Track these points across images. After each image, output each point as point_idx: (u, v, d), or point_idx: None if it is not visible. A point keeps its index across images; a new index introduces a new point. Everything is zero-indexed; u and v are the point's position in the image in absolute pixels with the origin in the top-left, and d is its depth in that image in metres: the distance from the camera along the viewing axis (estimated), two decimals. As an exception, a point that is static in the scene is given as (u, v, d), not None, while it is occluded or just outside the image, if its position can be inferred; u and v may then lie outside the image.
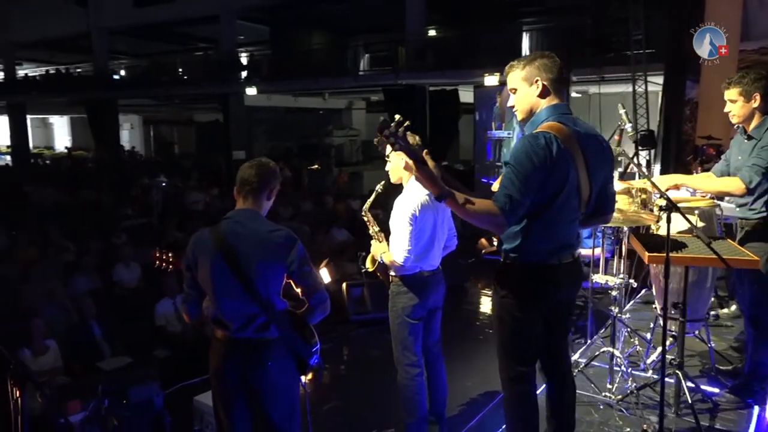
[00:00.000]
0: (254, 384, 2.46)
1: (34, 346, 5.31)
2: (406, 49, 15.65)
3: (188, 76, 21.10)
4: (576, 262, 2.43)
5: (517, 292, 2.35)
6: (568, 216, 2.31)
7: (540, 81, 2.28)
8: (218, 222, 2.50)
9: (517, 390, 2.43)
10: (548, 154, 2.15)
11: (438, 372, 3.32)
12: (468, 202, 2.13)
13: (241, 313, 2.40)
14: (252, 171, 2.47)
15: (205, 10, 18.43)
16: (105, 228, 10.59)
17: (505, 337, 2.40)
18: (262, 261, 2.38)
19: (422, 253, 3.05)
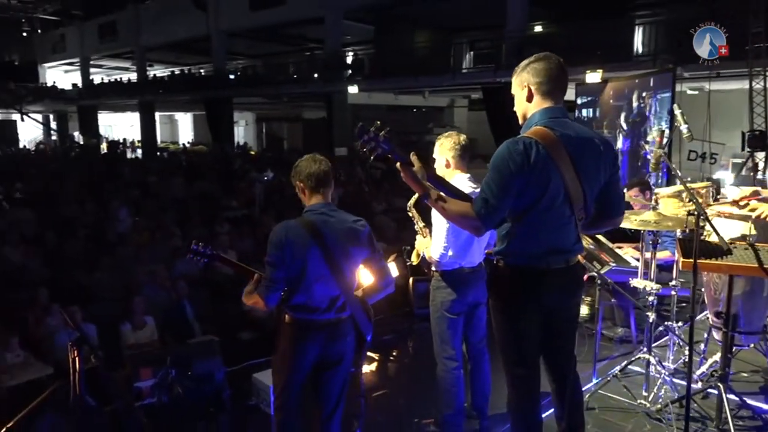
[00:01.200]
0: (326, 361, 2.70)
1: (134, 320, 5.91)
2: (507, 45, 15.42)
3: (297, 75, 22.08)
4: (570, 268, 2.36)
5: (507, 295, 2.35)
6: (556, 221, 2.27)
7: (528, 85, 2.28)
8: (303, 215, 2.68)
9: (518, 391, 2.42)
10: (525, 159, 2.13)
11: (481, 368, 3.37)
12: (448, 203, 2.22)
13: (327, 296, 2.63)
14: (320, 166, 2.68)
15: (313, 11, 19.18)
16: (210, 217, 11.41)
17: (500, 337, 2.41)
18: (352, 248, 2.65)
19: (461, 250, 3.12)
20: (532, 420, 2.46)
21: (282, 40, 24.95)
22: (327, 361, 2.71)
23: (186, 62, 30.09)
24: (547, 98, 2.26)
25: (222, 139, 23.02)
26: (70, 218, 10.87)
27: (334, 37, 19.30)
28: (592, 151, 2.29)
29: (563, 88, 2.30)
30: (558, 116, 2.26)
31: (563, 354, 2.49)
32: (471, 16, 19.57)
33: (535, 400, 2.45)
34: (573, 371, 2.50)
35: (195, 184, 16.36)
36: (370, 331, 2.82)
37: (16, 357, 5.18)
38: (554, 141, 2.17)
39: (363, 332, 2.79)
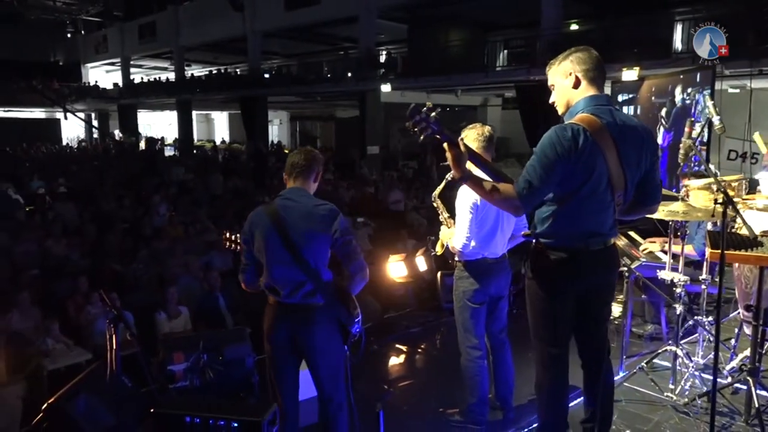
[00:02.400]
0: (301, 345, 2.73)
1: (169, 310, 6.08)
2: (542, 43, 15.26)
3: (331, 74, 22.26)
4: (607, 249, 2.42)
5: (544, 275, 2.40)
6: (597, 205, 2.32)
7: (573, 73, 2.32)
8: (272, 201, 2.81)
9: (548, 372, 2.47)
10: (573, 145, 2.18)
11: (503, 358, 3.39)
12: (488, 184, 2.25)
13: (290, 279, 2.68)
14: (301, 156, 2.81)
15: (347, 10, 19.31)
16: (244, 213, 11.61)
17: (535, 318, 2.46)
18: (308, 231, 2.66)
19: (485, 241, 3.14)
20: (560, 401, 2.49)
21: (316, 39, 25.15)
22: (302, 347, 2.74)
23: (222, 62, 30.61)
24: (593, 86, 2.33)
25: (256, 137, 23.34)
26: (109, 212, 11.21)
27: (368, 36, 19.38)
28: (635, 139, 2.33)
29: (605, 77, 2.39)
30: (603, 104, 2.32)
31: (598, 338, 2.52)
32: (505, 15, 19.44)
33: (564, 382, 2.49)
34: (607, 358, 2.52)
35: (230, 180, 16.69)
36: (353, 322, 2.77)
37: (57, 343, 5.38)
38: (601, 128, 2.23)
39: (344, 323, 2.77)
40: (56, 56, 36.59)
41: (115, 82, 32.89)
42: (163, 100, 29.19)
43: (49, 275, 7.75)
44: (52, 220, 9.80)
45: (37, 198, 13.34)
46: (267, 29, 22.98)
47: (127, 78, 32.12)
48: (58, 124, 33.88)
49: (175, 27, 27.03)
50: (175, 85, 27.73)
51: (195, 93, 26.34)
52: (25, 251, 8.48)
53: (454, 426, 3.40)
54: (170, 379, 3.55)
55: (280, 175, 12.31)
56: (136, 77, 33.54)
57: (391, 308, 5.82)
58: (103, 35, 33.07)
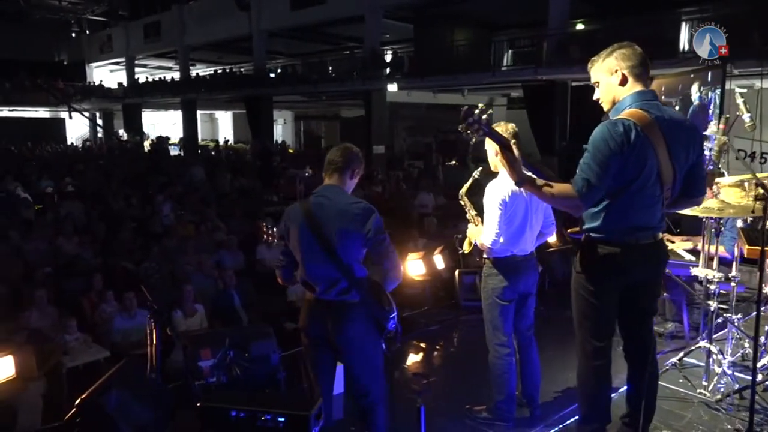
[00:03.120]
0: (336, 342, 2.74)
1: (185, 308, 6.09)
2: (548, 43, 15.25)
3: (336, 73, 22.24)
4: (657, 243, 2.45)
5: (594, 269, 2.42)
6: (647, 199, 2.35)
7: (619, 70, 2.33)
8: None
9: (592, 364, 2.49)
10: (625, 140, 2.21)
11: (530, 356, 3.39)
12: (546, 186, 2.25)
13: (324, 276, 2.69)
14: (338, 153, 2.80)
15: (353, 10, 19.32)
16: (252, 212, 11.64)
17: (582, 311, 2.48)
18: (342, 229, 2.66)
19: (513, 238, 3.14)
20: (603, 394, 2.51)
21: (320, 39, 25.18)
22: (338, 343, 2.75)
23: (227, 61, 30.63)
24: (639, 81, 2.35)
25: (262, 136, 23.37)
26: (118, 211, 11.24)
27: (374, 35, 19.39)
28: (682, 133, 2.36)
29: (649, 72, 2.39)
30: (650, 99, 2.35)
31: (644, 333, 2.54)
32: (510, 14, 19.44)
33: (607, 375, 2.51)
34: (653, 353, 2.54)
35: (236, 179, 16.71)
36: (388, 318, 2.77)
37: (75, 340, 5.39)
38: (650, 123, 2.25)
39: (379, 319, 2.77)
40: (61, 56, 36.63)
41: (119, 81, 32.92)
42: (167, 100, 29.20)
43: (62, 273, 7.78)
44: (62, 219, 9.81)
45: (46, 197, 13.37)
46: (272, 29, 23.00)
47: (132, 77, 32.15)
48: (63, 123, 33.94)
49: (180, 26, 27.05)
50: (180, 85, 27.74)
51: (200, 92, 26.34)
52: (36, 249, 8.51)
53: (481, 423, 3.40)
54: (197, 375, 3.55)
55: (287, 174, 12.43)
56: (141, 77, 33.57)
57: (407, 307, 5.82)
58: (108, 35, 33.10)
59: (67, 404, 4.88)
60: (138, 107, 31.74)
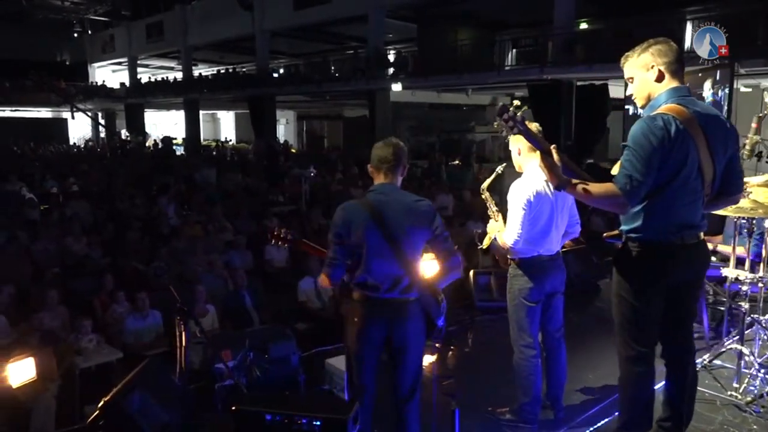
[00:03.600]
0: (395, 341, 2.71)
1: (196, 308, 6.06)
2: (554, 42, 15.22)
3: (339, 73, 22.23)
4: (701, 243, 2.41)
5: (637, 271, 2.38)
6: (690, 196, 2.31)
7: (656, 66, 2.31)
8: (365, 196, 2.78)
9: (634, 370, 2.45)
10: (666, 134, 2.18)
11: (558, 358, 3.36)
12: (587, 186, 2.22)
13: (389, 275, 2.65)
14: (389, 150, 2.73)
15: (356, 9, 19.30)
16: (259, 212, 11.62)
17: (624, 315, 2.43)
18: (410, 226, 2.64)
19: (539, 238, 3.11)
20: (646, 400, 2.47)
21: (323, 38, 25.16)
22: (396, 343, 2.72)
23: (229, 61, 30.62)
24: (675, 77, 2.32)
25: (267, 136, 23.36)
26: (124, 211, 11.22)
27: (377, 35, 19.36)
28: (720, 128, 2.33)
29: (684, 68, 2.35)
30: (686, 95, 2.31)
31: (685, 336, 2.49)
32: (514, 14, 19.42)
33: (651, 380, 2.47)
34: (693, 358, 2.50)
35: (243, 179, 16.69)
36: (441, 315, 2.80)
37: (88, 341, 5.36)
38: (690, 118, 2.22)
39: (432, 316, 2.78)
40: (63, 56, 36.62)
41: (121, 81, 32.90)
42: (170, 100, 29.19)
43: (70, 273, 7.75)
44: (69, 219, 9.79)
45: (51, 197, 13.34)
46: (275, 28, 22.98)
47: (134, 77, 32.13)
48: (65, 123, 33.93)
49: (183, 26, 27.03)
50: (183, 85, 27.72)
51: (203, 92, 26.32)
52: (45, 249, 8.48)
53: (504, 425, 3.37)
54: (217, 377, 3.53)
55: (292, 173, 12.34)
56: (143, 77, 33.55)
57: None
58: (110, 35, 33.09)
59: (80, 406, 4.89)
60: (140, 107, 31.73)
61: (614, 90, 15.09)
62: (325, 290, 7.11)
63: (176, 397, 3.23)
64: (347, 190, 14.89)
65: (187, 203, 12.68)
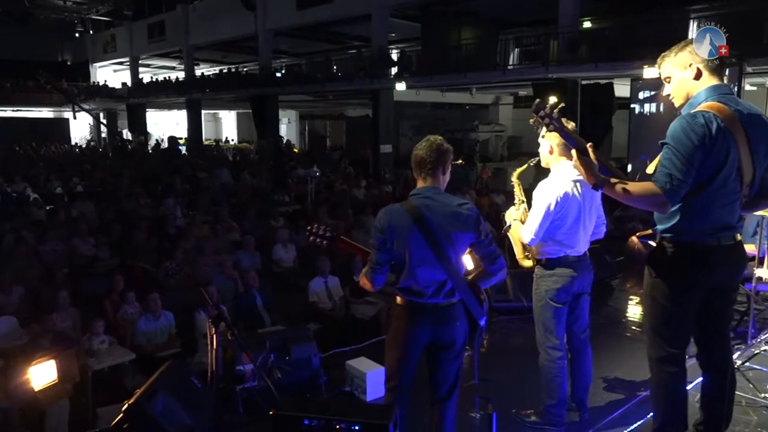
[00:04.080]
0: (438, 345, 2.68)
1: (208, 309, 6.02)
2: (559, 41, 15.17)
3: (342, 73, 22.19)
4: (738, 245, 2.35)
5: (672, 273, 2.33)
6: (728, 196, 2.26)
7: (694, 64, 2.26)
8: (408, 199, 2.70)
9: (666, 371, 2.41)
10: (707, 132, 2.13)
11: (584, 359, 3.33)
12: (626, 186, 2.17)
13: (433, 280, 2.61)
14: (425, 152, 2.66)
15: (359, 9, 19.26)
16: (265, 212, 11.59)
17: (657, 317, 2.39)
18: (456, 232, 2.59)
19: (567, 238, 3.08)
20: (681, 402, 2.43)
21: (326, 38, 25.13)
22: (439, 345, 2.69)
23: (231, 61, 30.59)
24: (714, 75, 2.28)
25: (272, 135, 23.33)
26: (130, 211, 11.19)
27: (381, 34, 19.32)
28: (762, 128, 2.28)
29: (723, 66, 2.30)
30: (727, 92, 2.27)
31: (723, 339, 2.45)
32: (518, 12, 19.38)
33: (683, 382, 2.43)
34: (731, 361, 2.46)
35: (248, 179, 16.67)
36: (483, 315, 2.79)
37: (101, 343, 5.33)
38: (731, 116, 2.18)
39: (475, 317, 2.77)
40: (64, 56, 36.57)
41: (123, 81, 32.86)
42: (172, 100, 29.16)
43: (79, 274, 7.72)
44: (76, 219, 9.75)
45: (56, 197, 13.32)
46: (278, 28, 22.94)
47: (136, 77, 32.09)
48: (67, 123, 33.89)
49: (185, 26, 26.99)
50: (185, 84, 27.68)
51: (205, 92, 26.27)
52: (53, 250, 8.45)
53: (529, 427, 3.34)
54: (239, 379, 3.49)
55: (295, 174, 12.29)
56: (144, 76, 33.51)
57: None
58: (112, 35, 33.05)
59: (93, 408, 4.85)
60: (142, 107, 31.69)
61: (619, 89, 15.07)
62: (336, 291, 7.09)
63: (198, 400, 3.20)
64: (351, 190, 14.90)
65: (191, 203, 12.64)
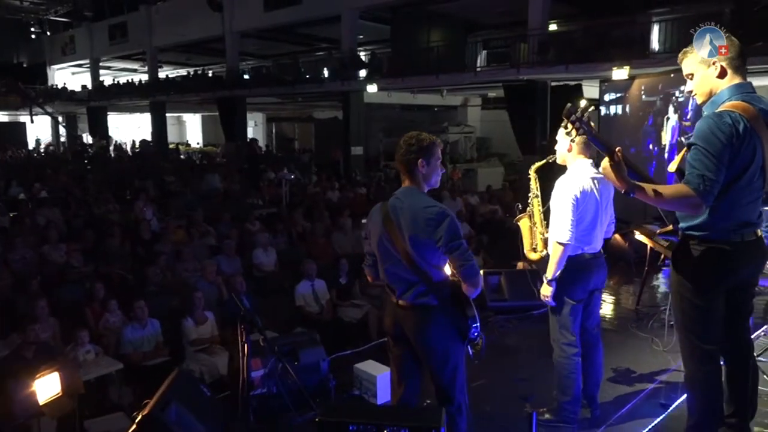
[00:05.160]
0: (416, 344, 2.68)
1: (196, 316, 5.88)
2: (529, 43, 15.38)
3: (310, 75, 22.03)
4: (760, 240, 2.39)
5: (699, 271, 2.36)
6: (753, 194, 2.31)
7: (717, 62, 2.28)
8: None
9: (703, 370, 2.43)
10: (735, 132, 2.16)
11: (595, 354, 3.35)
12: (659, 190, 2.19)
13: (401, 279, 2.63)
14: (398, 152, 2.65)
15: (328, 10, 19.17)
16: (240, 216, 11.40)
17: (686, 313, 2.41)
18: (413, 236, 2.55)
19: (584, 236, 3.10)
20: (717, 398, 2.46)
21: (293, 39, 24.91)
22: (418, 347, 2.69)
23: (196, 63, 30.04)
24: (738, 74, 2.29)
25: (236, 139, 23.01)
26: (100, 217, 10.87)
27: (351, 35, 19.27)
28: None
29: (746, 64, 2.32)
30: (750, 91, 2.28)
31: (745, 332, 2.48)
32: (486, 15, 19.57)
33: (719, 378, 2.45)
34: (753, 350, 2.50)
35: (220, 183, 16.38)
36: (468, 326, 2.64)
37: (86, 353, 5.14)
38: (756, 115, 2.20)
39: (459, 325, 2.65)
40: (20, 58, 35.36)
41: (83, 84, 31.92)
42: (135, 102, 28.48)
43: (52, 283, 7.43)
44: (45, 226, 9.41)
45: (20, 204, 12.83)
46: (245, 29, 22.65)
47: (96, 80, 31.22)
48: (23, 127, 32.75)
49: (148, 27, 26.39)
50: (150, 87, 27.05)
51: (171, 94, 25.72)
52: (22, 258, 8.13)
53: (543, 425, 3.33)
54: (249, 386, 3.39)
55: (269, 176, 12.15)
56: (106, 79, 32.63)
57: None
58: (71, 36, 32.08)
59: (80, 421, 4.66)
60: (103, 110, 30.82)
61: (588, 90, 15.35)
62: (323, 294, 7.01)
63: (209, 408, 3.10)
64: (324, 193, 14.80)
65: (163, 208, 12.36)
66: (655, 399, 3.62)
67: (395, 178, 19.51)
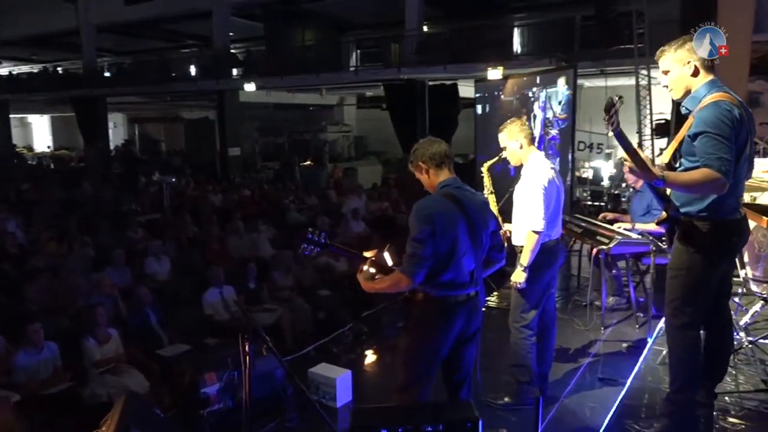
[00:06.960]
0: (468, 334, 2.68)
1: (98, 334, 5.33)
2: (406, 44, 15.78)
3: (177, 73, 20.88)
4: (745, 217, 2.67)
5: (711, 247, 2.56)
6: (744, 174, 2.58)
7: (692, 62, 2.52)
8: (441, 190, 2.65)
9: (688, 335, 2.67)
10: (735, 117, 2.40)
11: (551, 334, 3.52)
12: (685, 177, 2.41)
13: (470, 270, 2.61)
14: (443, 146, 2.71)
15: (198, 5, 18.32)
16: (120, 224, 10.56)
17: (691, 287, 2.61)
18: (487, 220, 2.67)
19: (550, 222, 3.23)
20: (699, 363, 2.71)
21: (156, 35, 23.47)
22: (468, 334, 2.69)
23: (42, 59, 27.27)
24: (710, 72, 2.52)
25: (96, 142, 21.27)
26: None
27: (223, 32, 18.56)
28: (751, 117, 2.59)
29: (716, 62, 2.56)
30: (724, 86, 2.50)
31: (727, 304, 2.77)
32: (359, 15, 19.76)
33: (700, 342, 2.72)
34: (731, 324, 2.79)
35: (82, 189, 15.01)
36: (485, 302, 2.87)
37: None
38: (739, 104, 2.46)
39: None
40: None
41: None
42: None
43: None
44: None
45: None
46: (103, 23, 20.95)
47: None
48: None
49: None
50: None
51: (16, 93, 23.13)
52: None
53: (503, 409, 3.41)
54: (204, 403, 3.13)
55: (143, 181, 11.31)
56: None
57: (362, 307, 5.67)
58: None
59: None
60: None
61: (463, 90, 16.07)
62: (233, 301, 6.69)
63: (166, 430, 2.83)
64: (205, 196, 14.12)
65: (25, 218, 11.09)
66: (592, 373, 3.87)
67: (275, 178, 19.08)
